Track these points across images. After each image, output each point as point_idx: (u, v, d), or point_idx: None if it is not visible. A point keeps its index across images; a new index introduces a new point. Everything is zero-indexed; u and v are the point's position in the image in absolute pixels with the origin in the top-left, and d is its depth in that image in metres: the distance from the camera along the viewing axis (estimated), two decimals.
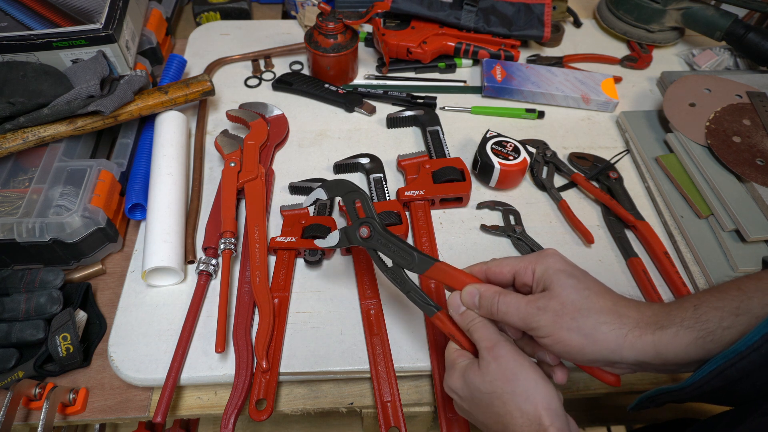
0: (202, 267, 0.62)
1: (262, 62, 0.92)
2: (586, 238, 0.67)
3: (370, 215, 0.51)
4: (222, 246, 0.64)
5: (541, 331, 0.41)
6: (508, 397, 0.40)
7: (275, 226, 0.69)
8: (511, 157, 0.70)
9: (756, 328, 0.37)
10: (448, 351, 0.48)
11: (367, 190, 0.73)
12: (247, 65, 0.92)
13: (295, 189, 0.72)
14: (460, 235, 0.69)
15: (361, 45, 0.95)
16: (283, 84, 0.86)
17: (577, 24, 1.02)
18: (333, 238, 0.53)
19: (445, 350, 0.49)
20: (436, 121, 0.80)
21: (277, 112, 0.81)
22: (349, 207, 0.53)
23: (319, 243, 0.55)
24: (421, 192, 0.69)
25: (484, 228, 0.69)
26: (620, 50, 0.97)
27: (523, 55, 0.94)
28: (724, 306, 0.39)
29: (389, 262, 0.50)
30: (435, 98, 0.84)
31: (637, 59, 0.93)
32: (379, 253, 0.50)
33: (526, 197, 0.73)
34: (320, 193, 0.55)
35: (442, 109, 0.85)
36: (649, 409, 0.49)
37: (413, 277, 0.64)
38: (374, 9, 0.83)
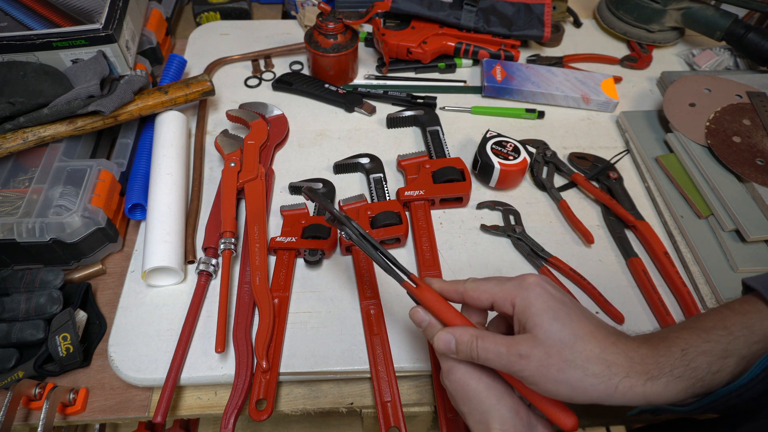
0: (202, 267, 0.62)
1: (262, 62, 0.92)
2: (586, 238, 0.67)
3: (346, 225, 0.48)
4: (222, 246, 0.64)
5: (527, 381, 0.39)
6: (467, 416, 0.43)
7: (275, 226, 0.69)
8: (511, 157, 0.70)
9: (757, 364, 0.37)
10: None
11: (367, 190, 0.73)
12: (247, 65, 0.92)
13: (295, 189, 0.72)
14: (460, 235, 0.69)
15: (361, 45, 0.95)
16: (283, 84, 0.86)
17: (577, 24, 1.02)
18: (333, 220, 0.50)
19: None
20: (436, 121, 0.80)
21: (277, 112, 0.81)
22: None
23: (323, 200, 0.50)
24: (421, 192, 0.69)
25: (484, 228, 0.69)
26: (620, 50, 0.97)
27: (523, 55, 0.94)
28: (712, 349, 0.38)
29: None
30: (435, 98, 0.84)
31: (637, 59, 0.93)
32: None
33: (526, 197, 0.73)
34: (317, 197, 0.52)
35: (442, 109, 0.85)
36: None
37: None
38: (374, 9, 0.83)
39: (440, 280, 0.47)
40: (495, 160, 0.70)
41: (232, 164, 0.70)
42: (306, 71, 0.91)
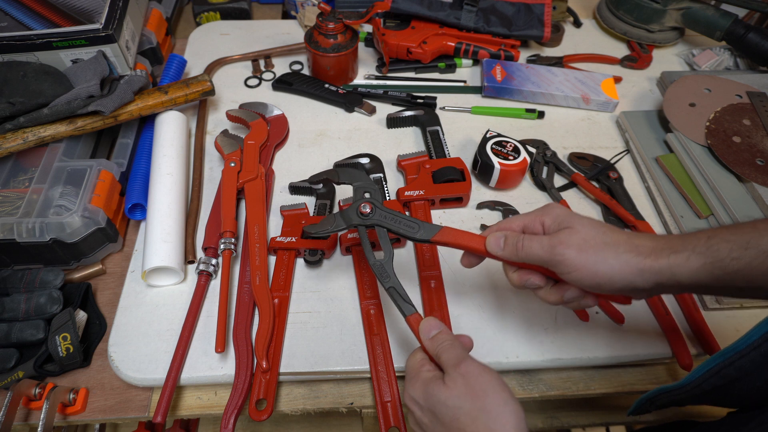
0: (202, 267, 0.62)
1: (262, 62, 0.92)
2: None
3: (376, 198, 0.52)
4: (222, 246, 0.64)
5: (567, 265, 0.42)
6: (477, 413, 0.39)
7: (275, 226, 0.69)
8: (511, 157, 0.70)
9: (755, 328, 0.37)
10: (412, 359, 0.46)
11: None
12: (247, 65, 0.92)
13: (295, 189, 0.72)
14: None
15: (361, 45, 0.95)
16: (283, 84, 0.86)
17: (577, 24, 1.02)
18: (327, 223, 0.52)
19: (408, 358, 0.47)
20: (436, 121, 0.80)
21: (277, 112, 0.81)
22: (356, 194, 0.53)
23: (311, 230, 0.53)
24: (421, 192, 0.69)
25: (485, 228, 0.69)
26: (620, 50, 0.97)
27: (523, 55, 0.94)
28: (736, 239, 0.40)
29: (379, 256, 0.50)
30: (435, 98, 0.84)
31: (637, 59, 0.93)
32: (373, 240, 0.50)
33: (526, 197, 0.73)
34: (331, 174, 0.56)
35: (442, 109, 0.85)
36: (650, 413, 0.49)
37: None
38: (374, 9, 0.83)
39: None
40: (495, 160, 0.70)
41: (232, 164, 0.70)
42: (306, 71, 0.91)
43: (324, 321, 0.61)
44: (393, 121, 0.81)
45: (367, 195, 0.53)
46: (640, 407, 0.49)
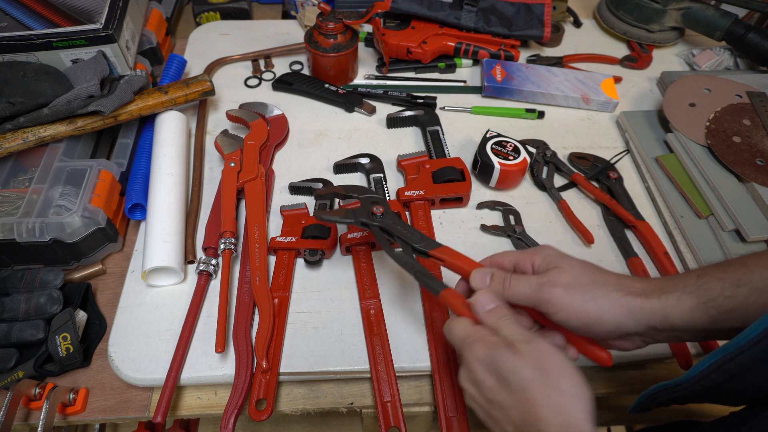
0: (202, 267, 0.62)
1: (262, 62, 0.92)
2: (586, 238, 0.67)
3: (384, 202, 0.55)
4: (222, 246, 0.64)
5: (554, 304, 0.41)
6: (550, 390, 0.37)
7: (275, 226, 0.69)
8: (511, 157, 0.70)
9: (756, 323, 0.37)
10: (462, 326, 0.43)
11: None
12: (247, 65, 0.92)
13: (295, 189, 0.72)
14: (460, 235, 0.69)
15: (361, 45, 0.95)
16: (283, 84, 0.86)
17: (577, 24, 1.02)
18: (339, 214, 0.55)
19: (445, 327, 0.45)
20: (436, 121, 0.80)
21: (277, 112, 0.81)
22: (365, 204, 0.56)
23: (324, 215, 0.56)
24: (421, 192, 0.69)
25: (484, 228, 0.69)
26: (620, 50, 0.97)
27: (523, 55, 0.94)
28: (727, 277, 0.40)
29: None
30: (435, 98, 0.84)
31: (637, 59, 0.93)
32: (371, 241, 0.53)
33: (526, 197, 0.73)
34: (338, 190, 0.60)
35: (442, 109, 0.85)
36: (651, 411, 0.49)
37: (407, 279, 0.64)
38: (374, 9, 0.83)
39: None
40: (495, 160, 0.70)
41: (232, 164, 0.70)
42: (306, 71, 0.91)
43: (324, 321, 0.61)
44: (393, 121, 0.81)
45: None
46: (641, 404, 0.49)
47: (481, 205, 0.72)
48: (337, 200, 0.71)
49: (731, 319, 0.39)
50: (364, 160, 0.75)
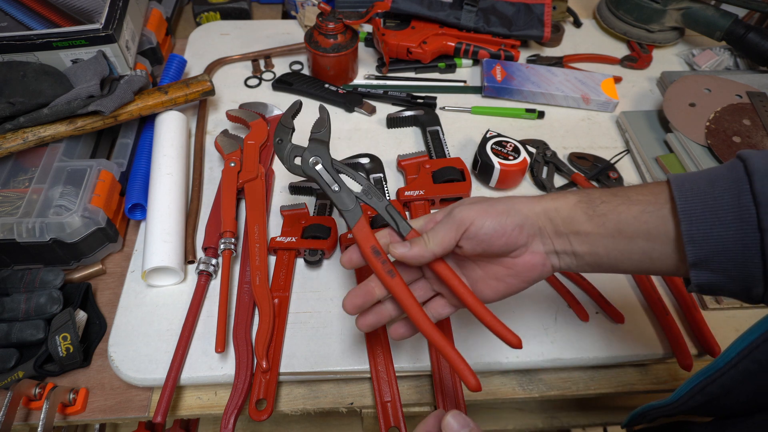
0: (202, 267, 0.62)
1: (262, 62, 0.92)
2: None
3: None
4: (222, 246, 0.64)
5: (467, 218, 0.43)
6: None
7: (275, 226, 0.69)
8: (511, 157, 0.70)
9: (732, 345, 0.38)
10: None
11: None
12: (247, 65, 0.92)
13: (295, 189, 0.72)
14: None
15: (361, 45, 0.95)
16: (283, 84, 0.86)
17: (577, 24, 1.02)
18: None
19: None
20: (436, 121, 0.80)
21: (277, 112, 0.81)
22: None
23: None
24: (421, 192, 0.69)
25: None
26: (620, 50, 0.97)
27: (523, 55, 0.94)
28: (607, 190, 0.43)
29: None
30: (435, 98, 0.84)
31: (637, 59, 0.93)
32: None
33: None
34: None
35: (442, 109, 0.85)
36: (641, 425, 0.50)
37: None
38: (374, 9, 0.83)
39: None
40: (495, 160, 0.70)
41: (232, 164, 0.70)
42: (306, 71, 0.91)
43: (324, 321, 0.61)
44: (393, 121, 0.81)
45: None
46: (633, 420, 0.49)
47: None
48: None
49: (606, 222, 0.41)
50: (364, 160, 0.75)
